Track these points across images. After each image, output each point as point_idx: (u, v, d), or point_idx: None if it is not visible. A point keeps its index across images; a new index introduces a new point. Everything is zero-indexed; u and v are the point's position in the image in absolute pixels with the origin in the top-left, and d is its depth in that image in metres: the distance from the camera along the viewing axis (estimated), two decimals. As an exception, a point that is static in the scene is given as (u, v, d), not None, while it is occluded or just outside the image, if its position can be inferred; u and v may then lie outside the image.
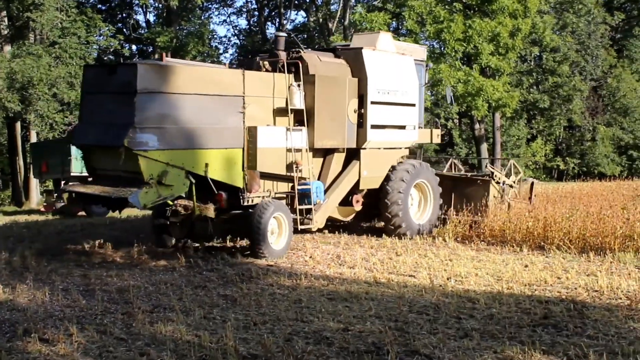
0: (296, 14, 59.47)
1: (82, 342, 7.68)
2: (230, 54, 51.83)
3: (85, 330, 8.15)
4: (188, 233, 14.62)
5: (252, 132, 13.31)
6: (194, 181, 12.50)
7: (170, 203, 13.03)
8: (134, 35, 39.58)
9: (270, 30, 48.51)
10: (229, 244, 14.53)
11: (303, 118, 14.25)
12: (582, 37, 40.97)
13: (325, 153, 15.15)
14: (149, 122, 11.93)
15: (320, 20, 42.72)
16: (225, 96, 13.08)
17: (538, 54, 40.78)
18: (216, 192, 12.91)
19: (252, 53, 43.82)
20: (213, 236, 14.68)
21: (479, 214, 15.91)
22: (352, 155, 15.38)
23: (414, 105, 16.33)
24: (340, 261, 12.76)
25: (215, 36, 45.53)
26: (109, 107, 12.65)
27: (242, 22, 73.84)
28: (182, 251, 13.51)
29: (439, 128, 19.47)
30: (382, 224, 16.24)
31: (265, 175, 13.68)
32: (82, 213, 23.20)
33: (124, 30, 39.05)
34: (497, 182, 17.48)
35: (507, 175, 18.23)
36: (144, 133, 11.82)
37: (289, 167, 13.97)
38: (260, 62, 14.72)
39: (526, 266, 12.10)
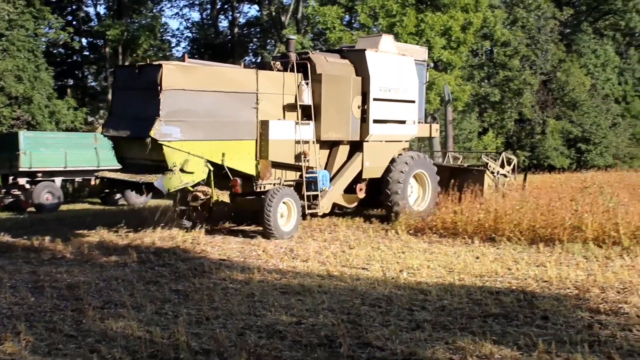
0: (249, 7, 59.30)
1: (30, 340, 7.54)
2: (183, 48, 51.38)
3: (33, 328, 8.02)
4: (207, 216, 16.18)
5: (264, 126, 14.87)
6: (212, 169, 14.08)
7: (191, 189, 14.45)
8: (84, 28, 38.97)
9: (223, 23, 48.21)
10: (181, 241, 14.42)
11: (311, 113, 15.72)
12: (532, 32, 41.46)
13: (331, 145, 16.63)
14: (173, 116, 13.37)
15: (273, 13, 42.57)
16: (241, 93, 14.63)
17: (489, 48, 41.17)
18: (232, 178, 14.51)
19: (205, 47, 43.60)
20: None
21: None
22: (356, 147, 16.83)
23: (413, 101, 17.72)
24: (293, 255, 12.75)
25: (167, 29, 45.17)
26: (137, 102, 14.02)
27: (195, 15, 73.18)
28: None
29: (437, 123, 20.82)
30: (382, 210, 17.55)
31: (276, 165, 15.26)
32: (32, 209, 22.86)
33: (74, 22, 38.40)
34: (492, 173, 18.99)
35: (502, 166, 19.66)
36: (168, 126, 13.25)
37: (298, 157, 15.51)
38: (272, 62, 16.09)
39: (477, 258, 12.23)
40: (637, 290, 9.44)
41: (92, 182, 24.72)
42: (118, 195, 25.50)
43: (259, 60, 46.07)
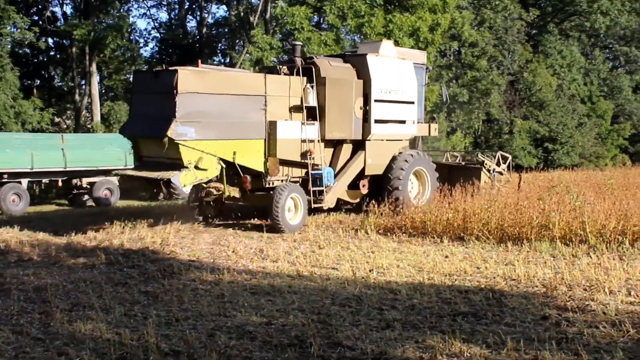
0: (217, 8, 59.05)
1: (-3, 343, 7.45)
2: (151, 48, 51.07)
3: (0, 332, 7.91)
4: (219, 211, 17.42)
5: (272, 126, 15.97)
6: (224, 166, 15.24)
7: (205, 185, 15.89)
8: (50, 28, 38.55)
9: (192, 23, 47.97)
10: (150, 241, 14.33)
11: (316, 114, 16.77)
12: (499, 33, 41.76)
13: (335, 144, 17.71)
14: (188, 117, 14.39)
15: (242, 14, 42.46)
16: (250, 96, 15.69)
17: (457, 48, 41.40)
18: (242, 175, 15.55)
19: (173, 47, 43.34)
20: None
21: (400, 207, 16.48)
22: (359, 145, 17.89)
23: (413, 102, 18.75)
24: (263, 255, 12.73)
25: (135, 30, 44.80)
26: (154, 104, 15.07)
27: (163, 16, 72.74)
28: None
29: (436, 123, 21.53)
30: None
31: (283, 162, 16.33)
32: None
33: (40, 22, 37.96)
34: (488, 170, 20.10)
35: (498, 164, 20.78)
36: (183, 126, 14.29)
37: (304, 155, 16.60)
38: (279, 67, 17.21)
39: (446, 257, 12.30)
40: (604, 287, 9.55)
41: (60, 183, 24.55)
42: (86, 197, 25.33)
43: (227, 61, 45.99)
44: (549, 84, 42.92)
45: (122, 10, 40.03)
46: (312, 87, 16.71)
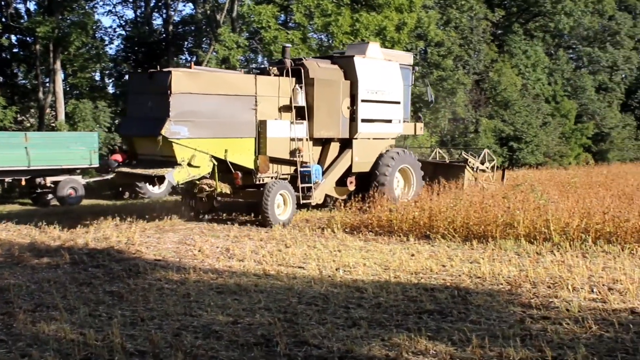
0: (184, 5, 58.79)
1: (-42, 345, 7.34)
2: (116, 46, 50.52)
3: (-38, 332, 7.81)
4: (211, 207, 18.02)
5: (262, 125, 16.59)
6: (216, 163, 15.90)
7: (197, 182, 16.32)
8: (13, 24, 38.00)
9: (157, 21, 47.58)
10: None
11: (304, 113, 17.40)
12: (465, 33, 42.03)
13: (323, 142, 18.40)
14: (181, 117, 15.06)
15: (208, 12, 42.20)
16: (241, 96, 16.34)
17: (423, 48, 41.58)
18: (233, 172, 16.17)
19: (138, 45, 42.95)
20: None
21: (367, 205, 16.57)
22: (346, 144, 18.64)
23: (399, 102, 19.52)
24: (229, 254, 12.69)
25: (100, 27, 44.24)
26: (149, 104, 15.67)
27: (129, 13, 72.12)
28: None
29: (422, 122, 22.37)
30: None
31: (273, 160, 16.96)
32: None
33: (3, 19, 37.40)
34: (472, 168, 20.90)
35: (482, 162, 21.64)
36: (177, 125, 14.95)
37: (293, 153, 17.22)
38: (269, 68, 17.78)
39: (412, 255, 12.36)
40: (567, 285, 9.67)
41: (23, 182, 24.24)
42: (50, 196, 25.04)
43: (194, 59, 45.71)
44: (514, 83, 43.31)
45: (87, 8, 39.50)
46: (301, 87, 17.32)
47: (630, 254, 11.89)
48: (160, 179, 15.41)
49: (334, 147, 18.57)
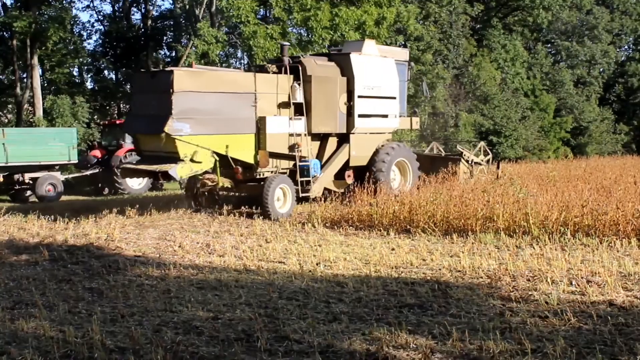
0: (162, 0, 58.46)
1: None
2: (95, 41, 50.20)
3: (-61, 331, 7.73)
4: (213, 201, 18.48)
5: (262, 121, 17.13)
6: (217, 159, 16.45)
7: (200, 177, 17.22)
8: (-11, 19, 37.65)
9: (136, 16, 47.32)
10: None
11: (302, 109, 17.90)
12: (444, 27, 42.18)
13: (321, 137, 18.91)
14: (183, 114, 15.58)
15: (187, 6, 42.06)
16: (241, 93, 16.87)
17: (403, 42, 41.64)
18: (234, 166, 16.72)
19: (117, 40, 42.70)
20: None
21: (348, 200, 16.63)
22: (343, 138, 19.11)
23: (394, 98, 19.94)
24: (209, 250, 12.65)
25: (77, 22, 44.00)
26: (152, 103, 16.24)
27: (107, 8, 71.55)
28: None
29: (418, 116, 23.02)
30: None
31: (273, 155, 17.43)
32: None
33: (-22, 14, 37.06)
34: (467, 161, 21.42)
35: (477, 155, 22.20)
36: (179, 122, 15.48)
37: (292, 148, 17.71)
38: (268, 66, 18.37)
39: (393, 249, 12.38)
40: (546, 277, 9.72)
41: (1, 179, 24.05)
42: (28, 192, 24.88)
43: (173, 55, 45.52)
44: (493, 77, 43.52)
45: (64, 2, 39.25)
46: (299, 84, 17.81)
47: (608, 247, 11.98)
48: (164, 175, 15.95)
49: (332, 142, 19.09)
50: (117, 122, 29.73)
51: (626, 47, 58.48)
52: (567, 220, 13.29)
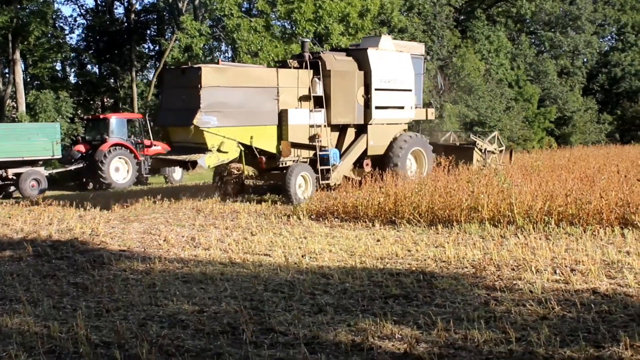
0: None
1: None
2: (77, 35, 49.83)
3: None
4: (240, 188, 19.56)
5: (284, 113, 18.38)
6: (242, 149, 17.69)
7: (227, 167, 18.58)
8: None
9: (119, 10, 47.02)
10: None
11: (322, 102, 19.03)
12: (428, 18, 42.18)
13: (340, 128, 20.01)
14: (211, 108, 16.86)
15: (170, 0, 41.87)
16: (265, 87, 18.12)
17: (387, 34, 41.68)
18: (258, 156, 17.96)
19: (100, 34, 42.43)
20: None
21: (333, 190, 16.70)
22: (361, 129, 20.23)
23: (410, 90, 20.93)
24: (195, 243, 12.64)
25: (60, 16, 43.68)
26: (182, 97, 17.49)
27: (89, 2, 71.08)
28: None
29: (433, 107, 24.40)
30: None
31: (294, 145, 18.61)
32: None
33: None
34: (480, 149, 22.39)
35: (491, 144, 23.11)
36: (207, 115, 16.77)
37: (312, 138, 18.87)
38: (290, 61, 19.64)
39: (378, 241, 12.40)
40: (530, 267, 9.77)
41: None
42: (12, 188, 24.73)
43: (157, 48, 45.33)
44: (477, 68, 43.56)
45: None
46: (319, 78, 18.92)
47: (592, 236, 12.05)
48: (193, 164, 17.00)
49: (351, 133, 20.14)
50: (101, 116, 29.58)
51: (609, 37, 58.69)
52: (551, 210, 13.35)
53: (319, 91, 18.95)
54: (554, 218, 13.02)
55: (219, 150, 17.01)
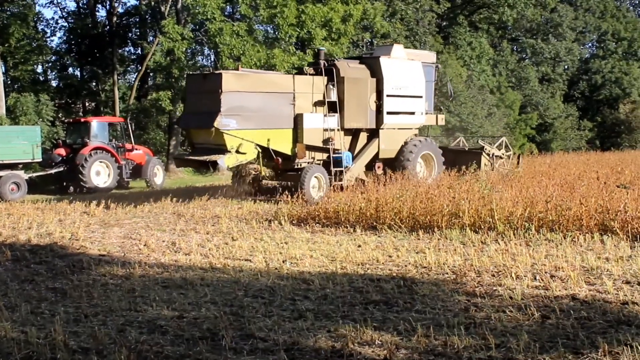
0: (127, -3, 58.02)
1: None
2: (59, 38, 49.51)
3: None
4: (258, 187, 20.82)
5: (300, 117, 19.59)
6: (260, 150, 18.86)
7: (245, 167, 19.47)
8: (-50, 17, 37.07)
9: (101, 12, 46.82)
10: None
11: (336, 107, 20.27)
12: (410, 24, 42.36)
13: (353, 132, 21.22)
14: (231, 111, 18.01)
15: (152, 3, 41.71)
16: (281, 93, 19.35)
17: (369, 39, 41.78)
18: (275, 157, 19.08)
19: (82, 37, 42.19)
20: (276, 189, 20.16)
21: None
22: (373, 133, 21.44)
23: (421, 97, 22.19)
24: (175, 248, 12.58)
25: (41, 19, 43.39)
26: (203, 101, 18.61)
27: (71, 5, 70.69)
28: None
29: (443, 113, 25.90)
30: None
31: (309, 147, 19.87)
32: None
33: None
34: (488, 154, 23.26)
35: (498, 149, 24.03)
36: (227, 118, 17.91)
37: (326, 141, 20.08)
38: (306, 68, 20.94)
39: (359, 246, 12.40)
40: (511, 273, 9.80)
41: None
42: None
43: (139, 52, 45.14)
44: (459, 74, 43.72)
45: (27, -1, 38.76)
46: (333, 85, 20.14)
47: (572, 242, 12.11)
48: (214, 164, 18.04)
49: (363, 136, 21.36)
50: (82, 120, 29.39)
51: (590, 44, 59.27)
52: (532, 216, 13.41)
53: (333, 97, 20.14)
54: (535, 224, 13.08)
55: (237, 152, 18.11)
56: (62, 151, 26.91)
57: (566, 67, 54.37)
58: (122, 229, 14.88)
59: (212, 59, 38.94)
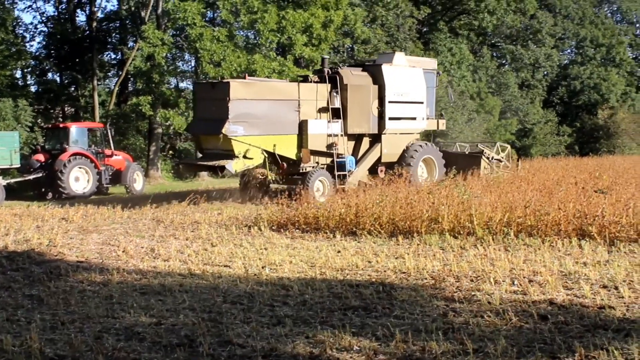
0: (107, 1, 57.73)
1: None
2: (38, 42, 49.18)
3: None
4: (264, 191, 21.07)
5: (304, 124, 20.57)
6: (266, 156, 19.88)
7: (251, 172, 20.67)
8: None
9: (81, 17, 46.55)
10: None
11: (339, 113, 21.18)
12: (391, 30, 42.44)
13: (356, 137, 22.17)
14: (238, 118, 18.94)
15: (133, 8, 41.54)
16: (287, 100, 20.33)
17: (350, 45, 41.84)
18: (280, 162, 20.23)
19: (61, 42, 41.93)
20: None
21: (295, 201, 16.69)
22: (376, 138, 22.36)
23: (422, 102, 23.05)
24: (154, 254, 12.51)
25: (20, 23, 43.05)
26: (212, 109, 19.44)
27: (50, 9, 70.20)
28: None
29: (444, 118, 26.32)
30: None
31: (313, 152, 20.82)
32: None
33: None
34: (487, 158, 23.99)
35: (497, 153, 24.79)
36: (235, 125, 18.83)
37: (330, 146, 21.07)
38: (310, 76, 22.15)
39: (339, 252, 12.39)
40: (489, 278, 9.83)
41: None
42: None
43: (119, 57, 44.93)
44: (440, 80, 43.82)
45: (5, 3, 38.48)
46: (336, 92, 21.00)
47: (550, 247, 12.17)
48: (222, 168, 19.10)
49: (366, 142, 22.22)
50: (61, 125, 29.22)
51: (569, 50, 59.62)
52: (511, 221, 13.47)
53: (337, 103, 20.96)
54: (513, 229, 13.13)
55: (245, 157, 19.04)
56: (40, 157, 26.74)
57: (545, 72, 54.72)
58: (101, 235, 14.79)
59: (193, 65, 38.86)
